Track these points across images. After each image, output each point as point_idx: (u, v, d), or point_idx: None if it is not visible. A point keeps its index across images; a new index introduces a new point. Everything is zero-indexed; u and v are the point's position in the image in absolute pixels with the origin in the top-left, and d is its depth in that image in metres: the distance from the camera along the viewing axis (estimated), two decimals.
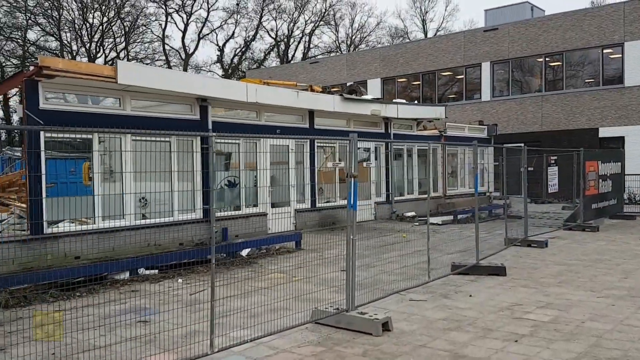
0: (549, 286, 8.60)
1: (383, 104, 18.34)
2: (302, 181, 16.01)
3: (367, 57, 35.93)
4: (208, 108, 13.04)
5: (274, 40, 64.50)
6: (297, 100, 15.08)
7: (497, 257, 11.21)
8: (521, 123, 29.31)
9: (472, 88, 31.84)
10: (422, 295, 8.05)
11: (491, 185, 25.48)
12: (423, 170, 21.40)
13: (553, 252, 11.92)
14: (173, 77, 12.51)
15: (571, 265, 10.32)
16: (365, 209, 18.00)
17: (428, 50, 32.96)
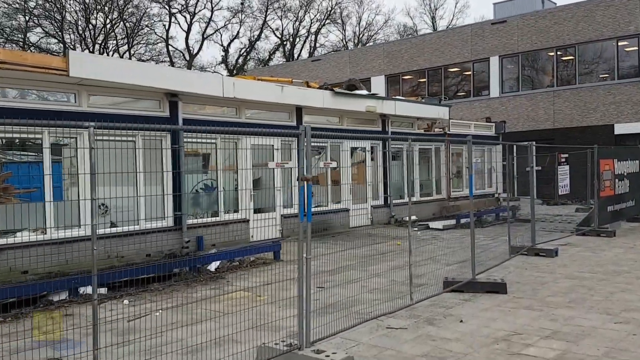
0: (556, 307, 7.25)
1: (379, 100, 17.02)
2: (289, 184, 14.73)
3: (370, 54, 34.60)
4: (178, 104, 11.82)
5: (280, 39, 63.37)
6: (281, 95, 13.81)
7: (500, 269, 9.86)
8: (532, 120, 27.82)
9: (481, 84, 30.40)
10: (404, 321, 6.75)
11: (500, 186, 24.10)
12: (425, 171, 20.05)
13: (564, 262, 10.54)
14: (136, 69, 11.31)
15: (584, 279, 8.95)
16: (361, 213, 16.69)
17: (434, 45, 31.56)
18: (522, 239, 12.54)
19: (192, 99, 12.20)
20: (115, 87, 10.89)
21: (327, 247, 12.68)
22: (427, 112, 19.05)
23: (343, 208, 16.05)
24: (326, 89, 15.91)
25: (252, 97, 13.13)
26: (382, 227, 16.83)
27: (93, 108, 10.68)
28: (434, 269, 9.47)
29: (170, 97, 11.78)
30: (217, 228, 12.59)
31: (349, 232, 15.31)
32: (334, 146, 15.92)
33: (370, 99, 16.60)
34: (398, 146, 18.28)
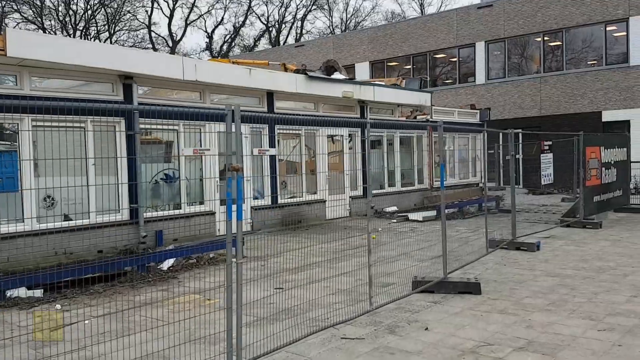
0: (534, 311, 6.53)
1: (357, 85, 16.20)
2: (260, 173, 13.92)
3: (354, 39, 33.71)
4: (133, 87, 10.95)
5: (265, 26, 62.28)
6: (249, 79, 12.96)
7: (477, 265, 9.15)
8: (518, 107, 27.15)
9: (466, 71, 29.65)
10: (363, 329, 6.00)
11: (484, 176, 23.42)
12: (406, 160, 19.30)
13: (545, 257, 9.84)
14: (86, 49, 10.39)
15: (566, 277, 8.24)
16: (338, 205, 15.93)
17: (419, 31, 30.72)
18: (504, 232, 11.87)
19: (149, 82, 11.34)
20: (62, 68, 10.02)
21: (297, 242, 11.93)
22: (408, 98, 18.26)
23: (319, 199, 15.28)
24: (303, 72, 15.06)
25: (217, 81, 12.27)
26: (360, 218, 16.09)
27: (36, 91, 9.80)
28: (406, 265, 8.72)
29: (125, 80, 10.91)
30: (180, 221, 11.80)
31: (324, 224, 14.55)
32: (309, 133, 15.12)
33: (347, 84, 15.77)
34: (378, 134, 17.50)
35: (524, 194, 23.48)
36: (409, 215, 15.52)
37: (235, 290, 4.60)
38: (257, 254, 10.41)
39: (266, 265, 9.46)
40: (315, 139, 15.27)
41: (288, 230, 13.68)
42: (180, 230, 11.74)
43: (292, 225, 14.16)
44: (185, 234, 11.78)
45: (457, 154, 22.32)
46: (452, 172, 21.64)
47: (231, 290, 4.60)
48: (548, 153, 12.29)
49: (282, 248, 10.91)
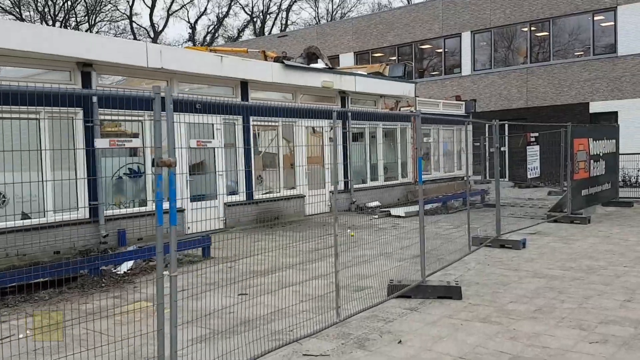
0: (519, 319, 5.93)
1: (337, 75, 15.52)
2: (234, 168, 13.23)
3: (338, 30, 32.98)
4: (92, 75, 10.20)
5: (249, 16, 61.28)
6: (221, 67, 12.23)
7: (459, 265, 8.55)
8: (504, 99, 26.62)
9: (452, 62, 29.06)
10: (329, 343, 5.36)
11: (470, 169, 22.91)
12: (390, 153, 18.68)
13: (531, 255, 9.27)
14: (39, 34, 9.60)
15: (554, 279, 7.67)
16: (318, 200, 15.27)
17: (404, 20, 30.06)
18: (488, 228, 11.31)
19: (110, 70, 10.60)
20: (15, 55, 9.25)
21: (271, 240, 11.26)
22: (391, 89, 17.61)
23: (298, 194, 14.61)
24: (283, 60, 14.36)
25: (184, 69, 11.54)
26: (341, 213, 15.47)
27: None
28: (384, 266, 8.10)
29: (83, 68, 10.15)
30: (145, 219, 11.07)
31: (302, 221, 13.90)
32: (287, 125, 14.43)
33: (327, 74, 15.09)
34: (360, 126, 16.85)
35: (510, 187, 23.00)
36: (391, 211, 14.91)
37: (170, 309, 3.93)
38: (226, 254, 9.73)
39: (233, 267, 8.79)
40: (294, 130, 14.59)
41: (264, 227, 13.02)
42: (147, 229, 11.03)
43: (268, 222, 13.50)
44: (152, 233, 11.07)
45: (443, 147, 21.78)
46: (437, 166, 21.10)
47: (163, 308, 3.93)
48: (534, 145, 11.69)
49: (254, 248, 10.24)
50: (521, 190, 21.82)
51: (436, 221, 13.62)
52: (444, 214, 15.44)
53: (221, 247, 10.27)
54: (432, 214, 15.08)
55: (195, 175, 12.43)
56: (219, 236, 11.07)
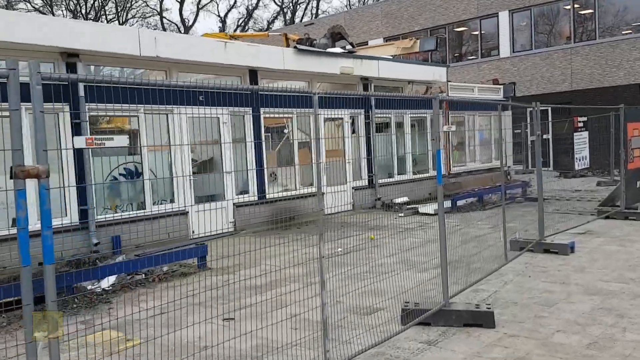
0: (568, 356, 4.57)
1: (358, 60, 14.17)
2: (244, 165, 12.11)
3: (367, 15, 31.49)
4: (77, 65, 9.19)
5: (279, 7, 60.18)
6: (225, 54, 11.08)
7: (494, 279, 7.18)
8: (547, 82, 24.71)
9: (489, 43, 27.25)
10: None
11: (510, 159, 21.24)
12: (420, 145, 17.25)
13: (581, 263, 7.81)
14: (19, 22, 8.61)
15: (610, 295, 6.23)
16: (339, 197, 14.01)
17: (437, 2, 28.36)
18: (530, 228, 9.86)
19: (98, 59, 9.59)
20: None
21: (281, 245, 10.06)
22: (420, 73, 16.15)
23: (316, 192, 13.36)
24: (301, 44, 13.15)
25: (183, 57, 10.44)
26: (365, 212, 14.19)
27: None
28: (403, 280, 6.81)
29: (68, 58, 9.15)
30: (144, 224, 10.05)
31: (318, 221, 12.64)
32: (303, 116, 13.20)
33: (346, 58, 13.76)
34: (385, 115, 15.48)
35: (555, 177, 21.20)
36: (419, 208, 13.53)
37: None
38: (225, 264, 8.60)
39: (228, 283, 7.63)
40: (310, 122, 13.34)
41: (277, 229, 11.85)
42: (146, 233, 10.02)
43: (283, 223, 12.33)
44: (151, 238, 10.05)
45: (479, 135, 20.20)
46: (473, 156, 19.53)
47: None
48: (582, 131, 10.13)
49: (258, 255, 9.08)
50: (567, 180, 20.00)
51: (470, 219, 12.19)
52: (480, 210, 13.95)
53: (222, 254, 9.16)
54: (465, 211, 13.63)
55: (199, 175, 11.38)
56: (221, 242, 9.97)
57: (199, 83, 9.39)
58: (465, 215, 12.89)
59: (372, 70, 14.34)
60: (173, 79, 10.60)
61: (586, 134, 10.25)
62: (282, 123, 13.48)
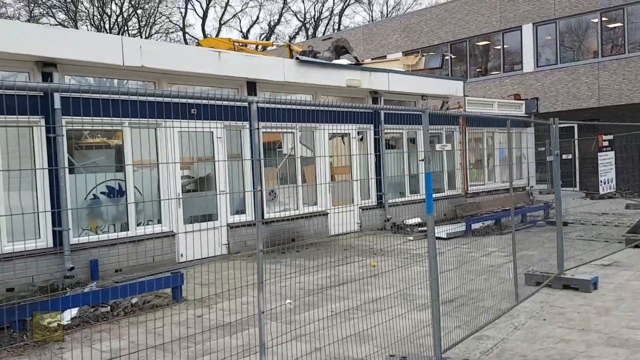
0: None
1: (366, 72, 13.34)
2: (241, 183, 11.33)
3: (385, 28, 30.72)
4: (54, 75, 8.54)
5: (302, 22, 59.94)
6: (219, 64, 10.36)
7: (504, 322, 6.21)
8: (573, 97, 23.53)
9: (512, 58, 26.21)
10: None
11: (532, 179, 20.15)
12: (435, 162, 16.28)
13: (606, 303, 6.78)
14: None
15: (639, 348, 5.23)
16: (345, 217, 13.13)
17: (457, 15, 27.45)
18: (551, 257, 8.83)
19: (77, 69, 8.95)
20: None
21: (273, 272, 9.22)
22: (433, 87, 15.25)
23: (319, 211, 12.55)
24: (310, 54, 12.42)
25: (172, 67, 9.75)
26: (373, 233, 13.26)
27: None
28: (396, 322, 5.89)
29: (44, 67, 8.52)
30: (126, 247, 9.32)
31: (319, 244, 11.80)
32: (306, 131, 12.41)
33: (353, 71, 12.95)
34: (396, 131, 14.61)
35: (581, 198, 19.99)
36: None
37: None
38: (206, 293, 7.78)
39: (203, 317, 6.81)
40: (314, 138, 12.55)
41: (274, 252, 11.01)
42: (129, 257, 9.29)
43: (281, 245, 11.50)
44: (136, 261, 9.32)
45: (499, 153, 19.15)
46: (493, 175, 18.47)
47: None
48: (608, 151, 9.11)
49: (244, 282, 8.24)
50: (594, 201, 18.79)
51: (484, 245, 11.18)
52: (497, 234, 12.91)
53: (205, 281, 8.36)
54: (481, 235, 12.61)
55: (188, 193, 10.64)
56: (207, 267, 9.15)
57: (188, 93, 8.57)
58: (480, 240, 11.87)
59: (382, 84, 13.50)
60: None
61: (612, 154, 9.22)
62: (278, 139, 12.71)
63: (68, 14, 51.15)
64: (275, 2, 58.97)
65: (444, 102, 16.65)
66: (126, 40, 9.23)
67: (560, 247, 7.81)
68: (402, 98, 14.79)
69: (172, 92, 3.78)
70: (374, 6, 64.84)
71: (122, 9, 53.10)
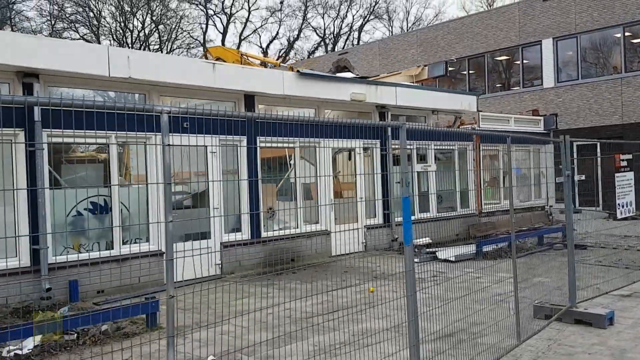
0: None
1: (372, 86, 12.78)
2: (236, 199, 10.81)
3: (402, 43, 30.20)
4: (34, 86, 8.16)
5: (321, 38, 59.85)
6: (214, 76, 9.90)
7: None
8: (595, 114, 22.63)
9: (531, 73, 25.44)
10: None
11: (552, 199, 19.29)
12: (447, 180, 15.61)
13: (622, 342, 6.04)
14: None
15: None
16: (349, 236, 12.51)
17: (475, 29, 26.83)
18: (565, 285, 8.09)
19: (60, 80, 8.55)
20: None
21: (264, 296, 8.62)
22: (445, 102, 14.63)
23: (321, 230, 11.95)
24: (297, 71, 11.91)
25: (163, 79, 9.31)
26: (378, 254, 12.60)
27: None
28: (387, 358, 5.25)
29: (25, 78, 8.13)
30: (110, 266, 8.84)
31: (317, 265, 11.18)
32: (308, 148, 11.87)
33: (358, 84, 12.40)
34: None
35: (603, 219, 19.02)
36: (438, 253, 11.84)
37: None
38: (190, 321, 7.22)
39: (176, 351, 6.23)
40: (317, 155, 11.99)
41: (270, 274, 10.42)
42: (113, 277, 8.80)
43: (278, 266, 10.92)
44: (119, 282, 8.83)
45: (516, 172, 18.36)
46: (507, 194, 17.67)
47: None
48: (626, 171, 8.37)
49: (232, 309, 7.66)
50: (616, 223, 17.83)
51: (494, 271, 10.44)
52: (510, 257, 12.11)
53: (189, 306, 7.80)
54: (492, 258, 11.86)
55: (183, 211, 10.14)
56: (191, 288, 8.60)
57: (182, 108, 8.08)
58: (490, 264, 11.12)
59: (389, 98, 12.93)
60: (154, 103, 9.47)
61: (631, 175, 8.47)
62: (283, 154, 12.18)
63: (91, 28, 51.74)
64: (295, 17, 58.73)
65: (456, 118, 15.99)
66: (113, 50, 8.83)
67: (572, 278, 7.08)
68: (411, 113, 14.20)
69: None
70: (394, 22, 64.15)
71: (144, 24, 53.66)
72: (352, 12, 60.64)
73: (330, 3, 59.87)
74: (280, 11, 57.40)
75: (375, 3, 58.35)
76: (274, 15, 57.35)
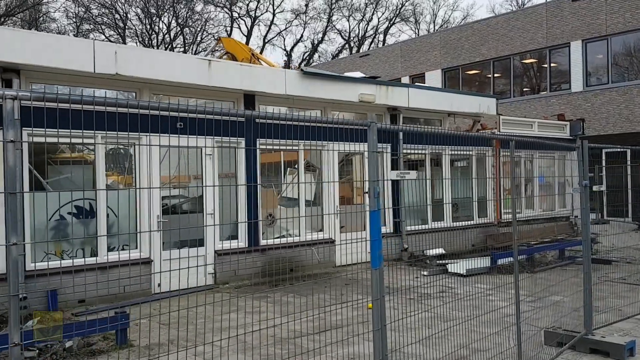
0: None
1: (382, 87, 12.09)
2: (233, 204, 10.24)
3: (424, 45, 29.39)
4: (13, 83, 7.71)
5: (346, 41, 59.27)
6: (210, 74, 9.36)
7: None
8: (625, 120, 21.51)
9: (559, 76, 24.40)
10: None
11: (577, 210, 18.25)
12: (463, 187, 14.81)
13: None
14: None
15: None
16: (355, 247, 11.81)
17: (501, 31, 25.90)
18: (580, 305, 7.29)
19: (43, 76, 8.09)
20: None
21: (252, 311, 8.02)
22: (461, 104, 13.84)
23: (325, 238, 11.31)
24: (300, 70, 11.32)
25: (154, 76, 8.79)
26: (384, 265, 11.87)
27: None
28: None
29: (4, 73, 7.70)
30: (95, 274, 8.35)
31: (319, 276, 10.53)
32: (313, 151, 11.26)
33: (367, 85, 11.73)
34: (417, 152, 13.25)
35: (633, 231, 17.96)
36: (448, 266, 11.08)
37: None
38: (165, 338, 6.65)
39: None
40: (322, 158, 11.37)
41: (266, 284, 9.83)
42: (98, 286, 8.31)
43: (276, 276, 10.32)
44: (104, 292, 8.33)
45: (540, 180, 17.47)
46: (530, 202, 16.79)
47: None
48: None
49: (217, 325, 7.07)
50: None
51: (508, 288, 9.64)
52: (528, 272, 11.32)
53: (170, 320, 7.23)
54: (508, 272, 11.03)
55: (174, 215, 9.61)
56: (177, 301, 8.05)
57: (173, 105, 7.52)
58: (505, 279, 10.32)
59: (401, 99, 12.23)
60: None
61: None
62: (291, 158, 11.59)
63: (117, 30, 52.09)
64: (320, 20, 58.26)
65: (475, 121, 15.19)
66: (99, 45, 8.36)
67: (588, 301, 6.30)
68: (425, 115, 13.46)
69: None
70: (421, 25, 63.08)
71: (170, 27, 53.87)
72: (377, 14, 59.53)
73: (355, 5, 59.33)
74: (305, 14, 57.01)
75: (401, 5, 57.46)
76: (298, 18, 56.99)
